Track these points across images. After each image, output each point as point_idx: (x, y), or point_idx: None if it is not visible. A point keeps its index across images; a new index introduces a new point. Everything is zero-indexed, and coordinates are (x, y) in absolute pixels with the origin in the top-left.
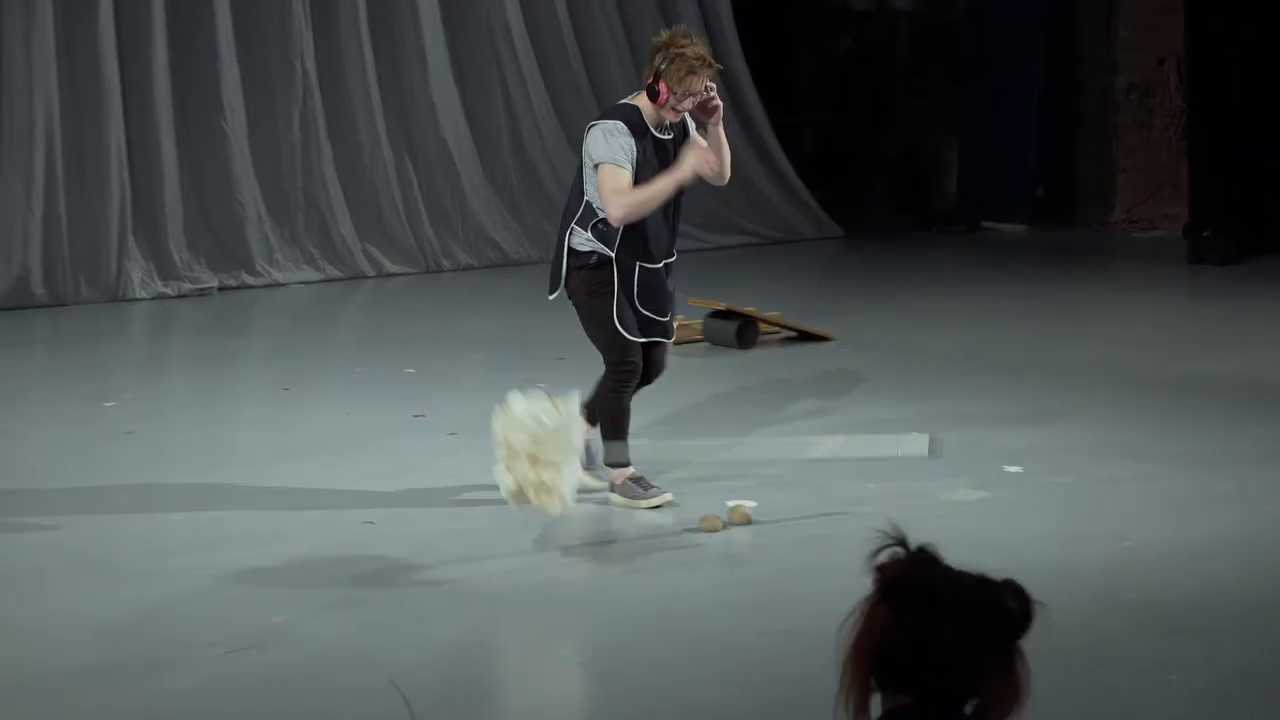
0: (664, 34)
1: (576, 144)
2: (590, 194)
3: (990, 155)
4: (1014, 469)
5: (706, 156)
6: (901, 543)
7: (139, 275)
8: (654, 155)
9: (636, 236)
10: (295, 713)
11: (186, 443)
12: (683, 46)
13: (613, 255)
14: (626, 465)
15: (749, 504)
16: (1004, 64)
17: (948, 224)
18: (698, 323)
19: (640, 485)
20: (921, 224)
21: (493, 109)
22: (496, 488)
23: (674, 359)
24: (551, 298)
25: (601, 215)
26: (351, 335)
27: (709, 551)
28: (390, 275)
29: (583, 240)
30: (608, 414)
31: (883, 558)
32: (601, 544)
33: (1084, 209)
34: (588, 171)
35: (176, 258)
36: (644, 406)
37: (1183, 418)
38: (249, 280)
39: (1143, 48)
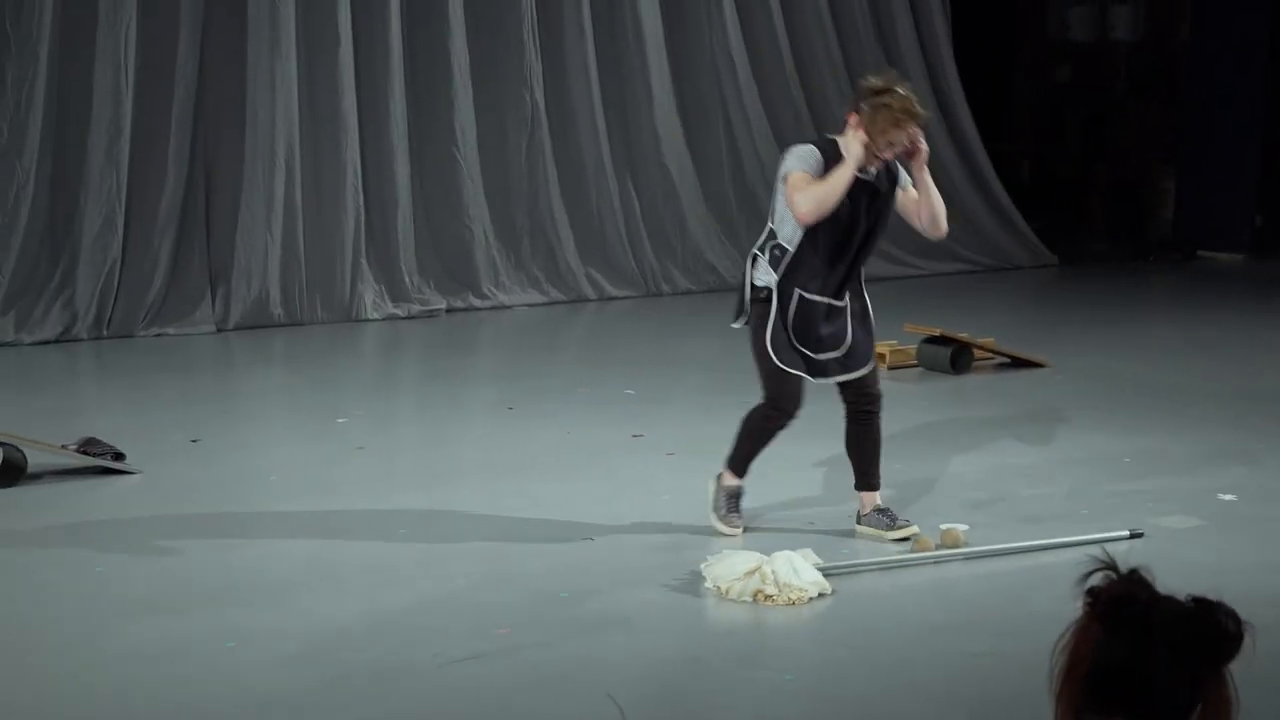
0: (876, 80)
1: None
2: (775, 218)
3: (1208, 184)
4: (1228, 497)
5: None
6: (1112, 567)
7: (371, 297)
8: (851, 190)
9: (806, 264)
10: None
11: (414, 459)
12: (890, 96)
13: (776, 283)
14: (738, 478)
15: (961, 527)
16: (1223, 93)
17: (1164, 253)
18: (912, 348)
19: (729, 506)
20: (1138, 253)
21: (714, 138)
22: (707, 503)
23: (889, 384)
24: (734, 326)
25: (776, 240)
26: (574, 356)
27: (920, 574)
28: (612, 298)
29: (761, 271)
30: (749, 431)
31: (1094, 580)
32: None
33: None
34: (777, 196)
35: (407, 280)
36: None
37: None
38: (476, 302)
39: None
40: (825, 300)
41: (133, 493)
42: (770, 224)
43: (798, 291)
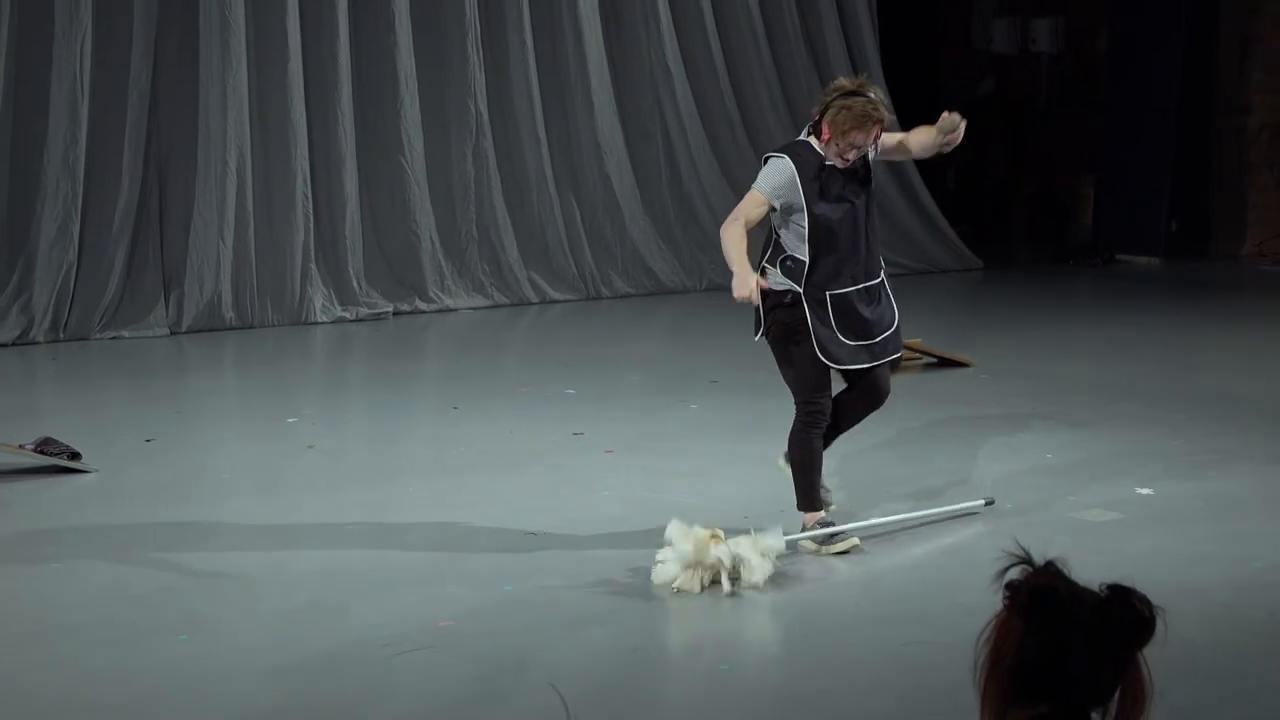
0: (846, 81)
1: (731, 180)
2: (781, 232)
3: (1126, 191)
4: (1145, 491)
5: (758, 283)
6: (1028, 560)
7: (320, 300)
8: (836, 186)
9: (827, 264)
10: (459, 711)
11: (363, 457)
12: (853, 99)
13: (802, 291)
14: (817, 510)
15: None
16: (1141, 104)
17: (1084, 257)
18: None
19: (834, 532)
20: (1059, 257)
21: (652, 146)
22: (652, 502)
23: None
24: (756, 339)
25: (788, 251)
26: (516, 358)
27: (850, 567)
28: (553, 302)
29: (776, 279)
30: (796, 455)
31: (1012, 574)
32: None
33: (1216, 243)
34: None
35: (355, 284)
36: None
37: None
38: (422, 306)
39: (1275, 89)
40: (856, 288)
41: (88, 491)
42: (776, 235)
43: (828, 293)
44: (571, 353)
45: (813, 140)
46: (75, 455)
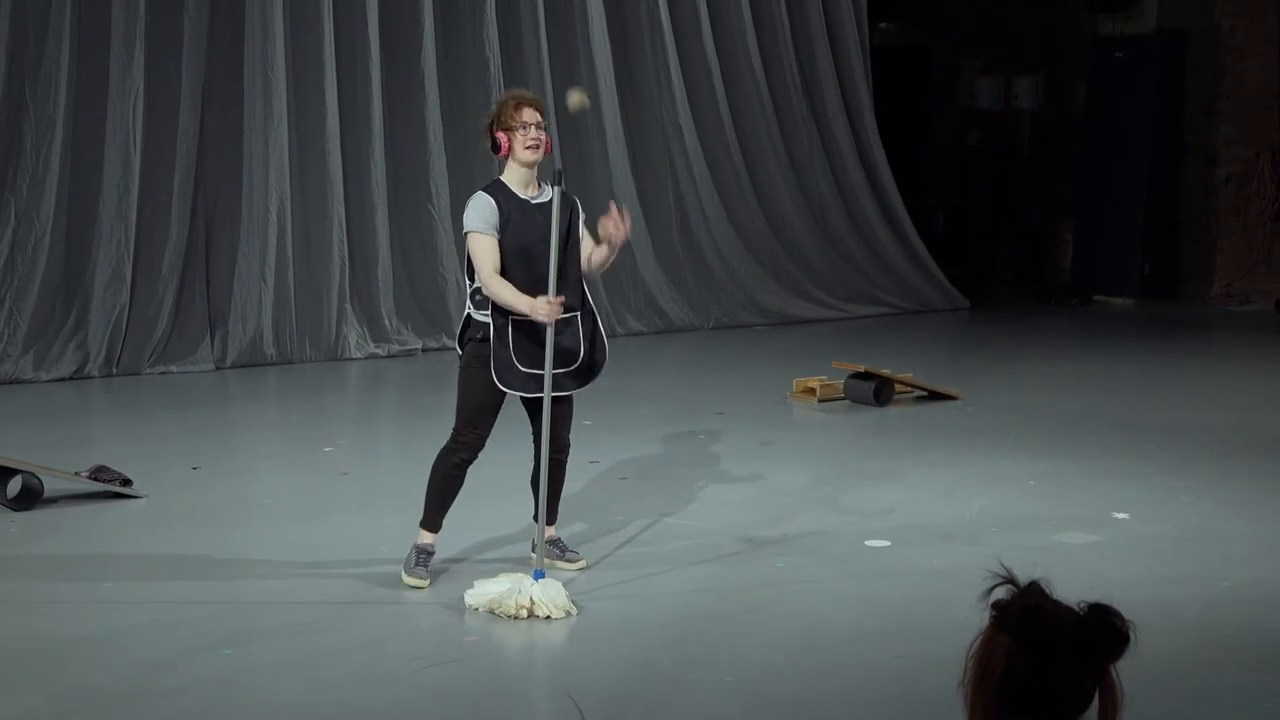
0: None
1: (737, 226)
2: (468, 270)
3: (1102, 236)
4: (1121, 516)
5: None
6: (1012, 580)
7: (354, 337)
8: (525, 218)
9: (517, 286)
10: None
11: (393, 483)
12: (505, 94)
13: (490, 324)
14: (434, 533)
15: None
16: (1115, 155)
17: (1063, 297)
18: (840, 383)
19: (418, 560)
20: (1040, 297)
21: (663, 195)
22: (662, 525)
23: (820, 415)
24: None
25: (477, 286)
26: None
27: (846, 585)
28: None
29: (477, 315)
30: (440, 486)
31: (998, 594)
32: (750, 578)
33: (1186, 285)
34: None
35: (387, 322)
36: (794, 456)
37: (1274, 471)
38: (449, 342)
39: (1241, 141)
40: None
41: (139, 515)
42: (470, 280)
43: (511, 318)
44: (587, 387)
45: (501, 177)
46: (127, 482)
